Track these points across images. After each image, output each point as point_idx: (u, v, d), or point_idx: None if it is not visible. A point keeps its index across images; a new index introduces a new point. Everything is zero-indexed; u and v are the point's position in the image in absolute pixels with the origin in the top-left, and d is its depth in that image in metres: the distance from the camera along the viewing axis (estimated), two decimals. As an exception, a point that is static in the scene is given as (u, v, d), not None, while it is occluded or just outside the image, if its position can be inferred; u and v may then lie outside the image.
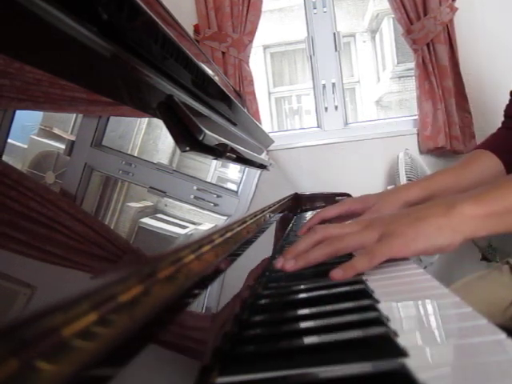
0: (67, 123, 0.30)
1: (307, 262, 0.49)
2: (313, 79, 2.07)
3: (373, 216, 0.68)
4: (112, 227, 0.30)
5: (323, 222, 0.78)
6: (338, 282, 0.45)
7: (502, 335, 0.29)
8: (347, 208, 0.78)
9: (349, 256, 0.53)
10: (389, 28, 6.99)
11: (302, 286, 0.46)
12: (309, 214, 1.35)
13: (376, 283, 0.45)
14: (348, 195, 1.48)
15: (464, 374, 0.25)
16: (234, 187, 0.71)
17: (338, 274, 0.45)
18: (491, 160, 0.89)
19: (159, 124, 0.45)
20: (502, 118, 1.00)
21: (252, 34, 1.91)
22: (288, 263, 0.49)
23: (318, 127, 2.09)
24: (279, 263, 0.49)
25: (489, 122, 1.82)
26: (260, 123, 1.82)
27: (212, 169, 0.61)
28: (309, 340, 0.31)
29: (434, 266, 1.75)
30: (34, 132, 0.27)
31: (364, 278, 0.46)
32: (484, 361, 0.26)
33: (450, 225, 0.49)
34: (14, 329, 0.14)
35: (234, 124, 0.92)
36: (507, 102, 0.99)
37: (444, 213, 0.49)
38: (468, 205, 0.49)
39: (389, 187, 1.92)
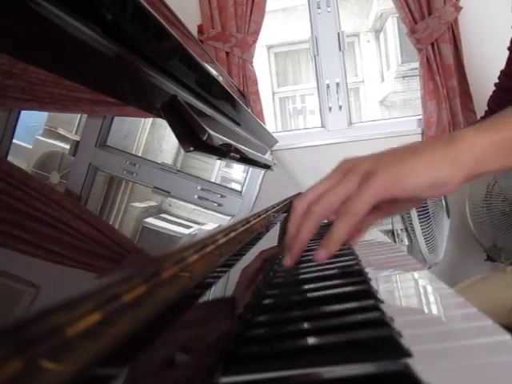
0: (72, 123, 0.30)
1: (300, 247, 0.45)
2: (317, 79, 2.07)
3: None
4: (116, 227, 0.30)
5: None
6: (341, 282, 0.45)
7: (507, 336, 0.28)
8: None
9: None
10: (393, 27, 6.97)
11: (306, 286, 0.46)
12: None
13: (379, 283, 0.45)
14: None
15: (468, 374, 0.25)
16: (237, 187, 0.71)
17: (321, 254, 0.41)
18: None
19: (163, 124, 0.45)
20: None
21: (256, 34, 1.91)
22: (286, 260, 0.46)
23: (322, 127, 2.09)
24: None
25: (494, 121, 1.81)
26: (264, 123, 1.82)
27: (216, 169, 0.61)
28: (312, 340, 0.31)
29: (439, 266, 1.74)
30: (39, 132, 0.27)
31: (367, 277, 0.46)
32: (489, 361, 0.26)
33: (449, 156, 0.39)
34: (18, 328, 0.14)
35: (238, 124, 0.92)
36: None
37: (442, 146, 0.40)
38: (471, 132, 0.40)
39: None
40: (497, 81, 0.96)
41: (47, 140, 0.28)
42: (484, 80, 1.89)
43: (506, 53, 0.95)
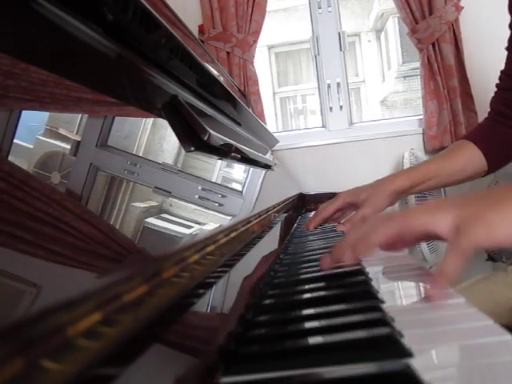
0: (73, 123, 0.31)
1: (367, 247, 0.42)
2: (318, 79, 2.07)
3: (366, 209, 0.71)
4: (117, 227, 0.30)
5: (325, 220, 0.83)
6: (342, 282, 0.45)
7: (508, 336, 0.28)
8: (342, 202, 0.81)
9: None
10: (394, 27, 6.97)
11: (307, 286, 0.46)
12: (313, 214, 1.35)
13: (381, 284, 0.45)
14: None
15: (469, 374, 0.25)
16: (238, 187, 0.71)
17: (435, 291, 0.38)
18: (473, 151, 0.89)
19: (164, 124, 0.45)
20: None
21: (257, 33, 1.91)
22: (346, 255, 0.42)
23: (322, 127, 2.08)
24: (325, 261, 0.45)
25: (495, 121, 1.81)
26: (265, 123, 1.82)
27: (217, 169, 0.61)
28: (313, 340, 0.31)
29: (440, 266, 1.74)
30: (40, 132, 0.27)
31: (368, 277, 0.46)
32: (490, 362, 0.26)
33: None
34: (19, 328, 0.14)
35: (239, 124, 0.92)
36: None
37: None
38: None
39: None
40: (498, 81, 0.96)
41: (48, 140, 0.28)
42: (485, 80, 1.88)
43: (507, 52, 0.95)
